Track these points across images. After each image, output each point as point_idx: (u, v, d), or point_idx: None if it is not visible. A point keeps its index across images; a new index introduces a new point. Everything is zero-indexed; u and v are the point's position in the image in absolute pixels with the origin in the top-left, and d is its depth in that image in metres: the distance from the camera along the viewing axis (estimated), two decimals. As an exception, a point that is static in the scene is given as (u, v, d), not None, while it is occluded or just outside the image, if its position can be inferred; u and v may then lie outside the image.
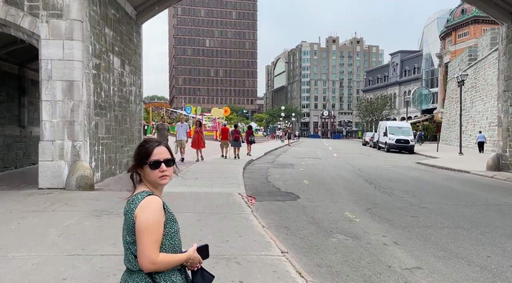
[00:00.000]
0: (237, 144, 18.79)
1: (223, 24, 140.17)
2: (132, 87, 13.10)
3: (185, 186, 9.89)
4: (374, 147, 37.21)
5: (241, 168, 14.49)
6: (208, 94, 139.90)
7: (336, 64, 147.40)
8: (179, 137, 15.24)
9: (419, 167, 18.19)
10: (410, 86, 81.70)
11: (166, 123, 15.97)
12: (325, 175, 14.02)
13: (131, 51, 12.98)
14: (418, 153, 29.12)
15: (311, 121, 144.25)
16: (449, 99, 42.97)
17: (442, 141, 43.98)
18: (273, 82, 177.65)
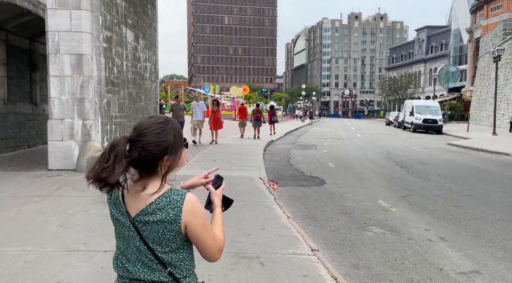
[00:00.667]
0: (258, 123, 18.26)
1: (242, 1, 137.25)
2: (147, 63, 12.41)
3: (201, 168, 9.26)
4: (399, 126, 35.82)
5: (261, 149, 13.78)
6: (227, 73, 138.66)
7: (358, 42, 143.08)
8: (195, 117, 14.04)
9: (452, 148, 17.06)
10: (436, 64, 78.39)
11: (181, 103, 14.71)
12: (351, 157, 13.17)
13: (146, 25, 12.22)
14: (447, 133, 27.73)
15: (332, 100, 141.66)
16: (480, 77, 40.75)
17: (472, 121, 42.00)
18: (292, 61, 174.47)
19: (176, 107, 13.75)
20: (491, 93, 35.35)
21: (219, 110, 15.04)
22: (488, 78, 37.16)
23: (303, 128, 32.05)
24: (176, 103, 14.15)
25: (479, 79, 41.36)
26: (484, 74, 39.02)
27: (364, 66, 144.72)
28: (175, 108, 13.73)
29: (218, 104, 15.36)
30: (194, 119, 14.13)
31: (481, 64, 41.02)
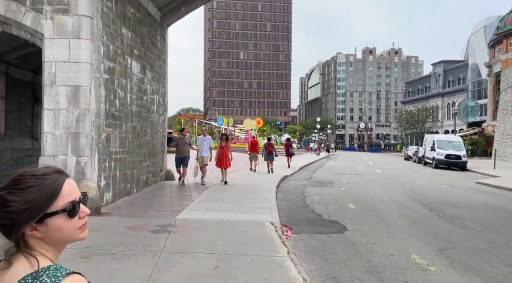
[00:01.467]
0: (270, 157, 17.92)
1: (258, 37, 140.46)
2: (154, 95, 11.84)
3: (206, 210, 8.33)
4: (419, 162, 34.36)
5: (274, 186, 12.81)
6: (242, 106, 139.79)
7: (373, 76, 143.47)
8: (200, 153, 12.49)
9: (482, 188, 15.73)
10: (454, 98, 77.14)
11: (187, 137, 13.03)
12: (372, 196, 12.06)
13: (154, 56, 11.75)
14: (471, 169, 26.24)
15: (347, 133, 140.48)
16: (503, 111, 39.36)
17: (496, 157, 40.26)
18: (307, 94, 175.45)
19: (180, 142, 12.45)
20: (516, 127, 33.88)
21: (228, 147, 13.34)
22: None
23: (319, 162, 30.98)
24: (181, 137, 12.75)
25: (501, 114, 39.96)
26: (507, 109, 37.68)
27: (380, 99, 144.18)
28: (179, 142, 12.44)
29: (227, 139, 13.59)
30: (199, 156, 12.62)
31: (503, 99, 39.75)
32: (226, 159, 12.83)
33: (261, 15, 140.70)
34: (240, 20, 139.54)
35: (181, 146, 12.33)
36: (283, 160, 29.04)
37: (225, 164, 12.82)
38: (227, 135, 14.16)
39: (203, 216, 7.74)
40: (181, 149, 12.26)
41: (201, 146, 12.68)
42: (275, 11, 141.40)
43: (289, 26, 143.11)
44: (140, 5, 10.38)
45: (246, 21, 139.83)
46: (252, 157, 18.24)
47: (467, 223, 8.33)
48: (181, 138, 12.66)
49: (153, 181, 11.97)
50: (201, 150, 12.60)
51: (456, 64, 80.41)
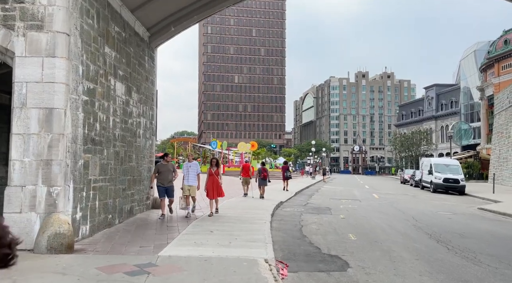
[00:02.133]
0: (263, 183, 17.33)
1: (252, 61, 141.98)
2: (141, 118, 11.18)
3: (193, 245, 7.53)
4: (416, 186, 33.73)
5: (269, 215, 12.02)
6: (236, 129, 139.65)
7: (366, 99, 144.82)
8: (186, 181, 10.89)
9: (486, 214, 15.04)
10: (447, 121, 77.48)
11: (170, 163, 11.27)
12: (373, 225, 11.30)
13: (141, 77, 11.17)
14: (470, 194, 25.62)
15: (341, 156, 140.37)
16: (498, 135, 39.18)
17: (492, 179, 39.77)
18: (301, 117, 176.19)
19: (163, 169, 10.71)
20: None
21: (219, 173, 11.51)
22: (507, 136, 35.57)
23: (315, 186, 30.22)
24: (164, 164, 10.91)
25: (496, 137, 39.76)
26: (502, 132, 37.49)
27: (373, 122, 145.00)
28: (162, 169, 10.68)
29: (217, 164, 11.55)
30: (184, 184, 10.92)
31: (498, 122, 39.65)
32: (217, 188, 11.21)
33: (255, 40, 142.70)
34: (234, 45, 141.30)
35: (165, 173, 10.68)
36: (279, 184, 28.36)
37: (217, 193, 11.24)
38: (217, 160, 11.82)
39: (189, 252, 6.93)
40: (165, 177, 10.64)
41: (186, 173, 10.99)
42: (269, 36, 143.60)
43: (283, 51, 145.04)
44: (126, 24, 9.86)
45: (241, 46, 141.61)
46: (245, 181, 17.93)
47: (479, 257, 7.59)
48: (164, 165, 10.87)
49: (139, 210, 11.15)
50: (187, 178, 10.93)
51: (448, 87, 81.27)
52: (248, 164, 20.35)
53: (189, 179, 10.96)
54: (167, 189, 10.73)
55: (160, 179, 10.70)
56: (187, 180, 10.96)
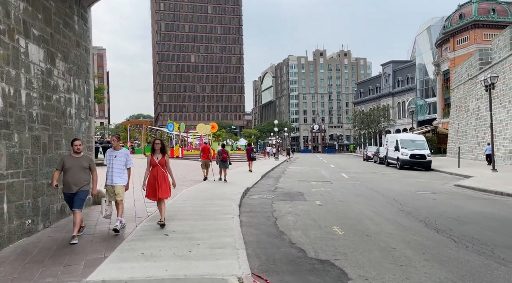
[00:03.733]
0: (224, 165, 16.72)
1: (208, 39, 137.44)
2: (71, 94, 8.86)
3: (140, 259, 5.59)
4: (380, 163, 33.32)
5: (236, 206, 10.26)
6: (195, 111, 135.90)
7: (324, 77, 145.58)
8: (110, 179, 7.37)
9: (466, 192, 14.17)
10: (404, 97, 79.00)
11: (85, 156, 7.05)
12: (356, 212, 9.86)
13: (69, 42, 8.79)
14: (436, 169, 25.28)
15: (301, 135, 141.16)
16: (456, 108, 39.61)
17: (451, 153, 40.47)
18: (260, 98, 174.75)
19: (70, 164, 6.68)
20: (472, 125, 33.90)
21: (166, 163, 7.66)
22: (466, 110, 35.90)
23: (280, 168, 28.83)
24: (73, 156, 6.80)
25: (455, 110, 40.23)
26: (461, 106, 37.86)
27: (331, 101, 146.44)
28: (68, 165, 6.66)
29: (163, 150, 7.74)
30: (107, 184, 7.39)
31: (456, 96, 40.04)
32: (162, 184, 7.52)
33: (211, 17, 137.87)
34: (189, 23, 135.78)
35: (72, 172, 6.63)
36: (242, 166, 26.72)
37: (161, 192, 7.52)
38: (163, 144, 7.83)
39: (132, 272, 5.02)
40: (72, 178, 6.61)
41: (109, 166, 7.41)
42: (225, 13, 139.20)
43: (240, 29, 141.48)
44: (41, -32, 7.44)
45: (196, 24, 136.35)
46: (204, 164, 17.18)
47: (497, 251, 6.26)
48: (73, 159, 6.72)
49: (74, 208, 8.94)
50: (110, 174, 7.38)
51: (404, 64, 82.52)
52: (208, 145, 19.02)
53: (114, 175, 7.34)
54: (74, 197, 6.66)
55: (65, 180, 6.67)
56: (110, 177, 7.36)
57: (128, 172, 7.65)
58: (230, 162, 17.42)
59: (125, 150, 7.80)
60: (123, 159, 7.53)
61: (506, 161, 26.70)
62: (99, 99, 67.39)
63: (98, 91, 62.61)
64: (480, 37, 47.78)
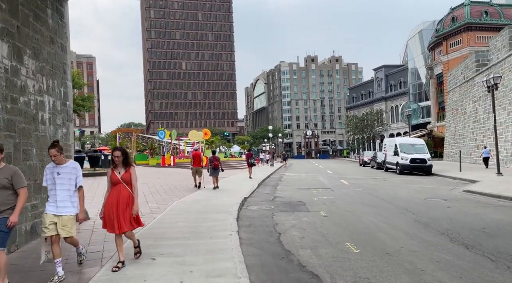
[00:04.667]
0: (216, 172, 16.05)
1: (199, 46, 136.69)
2: (44, 96, 7.79)
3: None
4: (378, 168, 32.47)
5: (233, 219, 9.21)
6: (187, 118, 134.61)
7: (316, 83, 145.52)
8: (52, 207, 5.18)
9: (479, 198, 13.25)
10: (397, 101, 78.71)
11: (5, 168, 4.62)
12: (367, 224, 8.87)
13: (42, 38, 7.74)
14: (437, 173, 24.47)
15: (294, 141, 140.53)
16: (452, 111, 39.04)
17: (448, 157, 39.82)
18: (253, 104, 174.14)
19: None
20: (469, 128, 33.28)
21: (132, 179, 5.53)
22: (463, 113, 35.31)
23: (276, 175, 27.80)
24: None
25: (451, 114, 39.66)
26: (457, 109, 37.29)
27: (324, 106, 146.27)
28: None
29: (127, 161, 5.59)
30: (47, 213, 5.15)
31: (452, 99, 39.51)
32: (125, 211, 5.41)
33: (202, 25, 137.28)
34: (180, 30, 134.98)
35: None
36: (238, 174, 25.70)
37: (122, 223, 5.39)
38: (125, 153, 5.67)
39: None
40: None
41: (51, 187, 5.21)
42: (216, 20, 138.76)
43: (231, 35, 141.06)
44: (4, -51, 6.40)
45: (187, 31, 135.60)
46: (196, 171, 16.70)
47: (548, 272, 5.30)
48: None
49: (49, 227, 7.81)
50: (53, 199, 5.19)
51: (396, 68, 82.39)
52: (199, 152, 18.39)
53: (58, 200, 5.13)
54: None
55: None
56: (53, 203, 5.15)
57: (80, 194, 5.26)
58: (222, 168, 16.90)
59: (73, 162, 5.30)
60: (71, 177, 5.13)
61: (508, 163, 26.01)
62: (89, 107, 65.95)
63: (88, 99, 61.21)
64: (473, 40, 47.55)
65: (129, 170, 5.55)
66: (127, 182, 5.50)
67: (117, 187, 5.47)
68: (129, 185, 5.52)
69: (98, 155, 19.41)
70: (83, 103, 57.47)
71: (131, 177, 5.52)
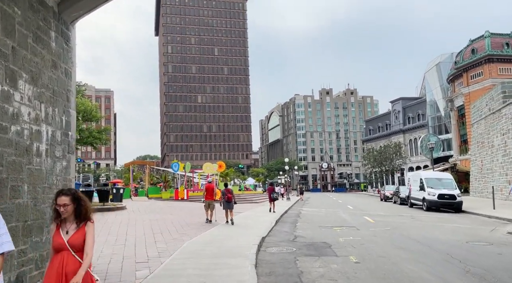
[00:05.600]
0: (229, 206, 15.48)
1: (215, 80, 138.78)
2: (42, 126, 6.96)
3: None
4: (401, 203, 30.71)
5: (251, 265, 8.00)
6: (202, 150, 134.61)
7: (331, 116, 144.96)
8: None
9: (530, 242, 11.70)
10: (415, 134, 77.00)
11: None
12: (412, 276, 7.51)
13: (42, 62, 7.01)
14: (468, 211, 22.71)
15: (309, 174, 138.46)
16: (478, 144, 37.32)
17: (475, 193, 37.72)
18: (267, 136, 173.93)
19: None
20: (498, 162, 31.54)
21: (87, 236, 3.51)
22: (490, 146, 33.62)
23: (293, 210, 26.37)
24: None
25: (476, 147, 37.92)
26: (483, 142, 35.61)
27: (339, 139, 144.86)
28: None
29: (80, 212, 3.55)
30: None
31: (477, 131, 37.89)
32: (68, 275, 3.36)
33: (217, 59, 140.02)
34: (196, 64, 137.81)
35: None
36: (253, 208, 24.47)
37: None
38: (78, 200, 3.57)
39: None
40: None
41: None
42: (232, 54, 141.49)
43: (246, 69, 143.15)
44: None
45: (203, 65, 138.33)
46: (208, 204, 16.03)
47: None
48: None
49: (39, 275, 6.78)
50: None
51: (413, 101, 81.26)
52: (212, 184, 18.10)
53: None
54: None
55: None
56: None
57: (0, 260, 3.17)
58: (235, 201, 16.27)
59: None
60: None
61: (545, 200, 24.05)
62: (105, 140, 66.34)
63: (104, 132, 61.69)
64: (496, 72, 46.39)
65: (83, 228, 3.54)
66: (77, 246, 3.47)
67: (60, 255, 3.45)
68: (80, 252, 3.48)
69: (107, 189, 18.51)
70: (100, 136, 57.82)
71: (85, 240, 3.49)
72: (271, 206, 22.07)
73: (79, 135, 55.13)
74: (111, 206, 18.64)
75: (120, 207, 19.01)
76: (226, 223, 15.23)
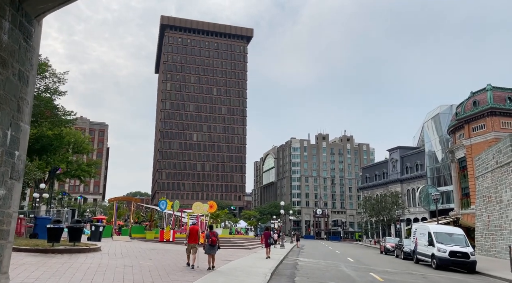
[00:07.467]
0: (213, 250, 14.46)
1: (212, 119, 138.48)
2: (-30, 139, 5.08)
3: None
4: (404, 258, 28.26)
5: None
6: (193, 189, 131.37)
7: (327, 161, 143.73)
8: None
9: None
10: (414, 184, 75.19)
11: None
12: None
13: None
14: (482, 272, 20.45)
15: (303, 220, 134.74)
16: (484, 199, 35.48)
17: (481, 251, 35.31)
18: (261, 178, 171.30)
19: None
20: (508, 219, 29.56)
21: None
22: (498, 201, 31.79)
23: (289, 260, 23.83)
24: None
25: (482, 201, 36.05)
26: (490, 196, 33.82)
27: (334, 185, 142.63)
28: None
29: None
30: None
31: (482, 185, 36.20)
32: None
33: (216, 98, 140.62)
34: (194, 102, 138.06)
35: None
36: (249, 254, 21.95)
37: None
38: None
39: None
40: None
41: None
42: (230, 95, 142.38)
43: (244, 110, 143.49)
44: None
45: (201, 104, 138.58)
46: (191, 248, 14.85)
47: None
48: None
49: None
50: None
51: (411, 150, 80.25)
52: (197, 227, 16.45)
53: None
54: None
55: None
56: None
57: None
58: (219, 246, 14.98)
59: None
60: None
61: None
62: (94, 174, 63.57)
63: (94, 165, 59.18)
64: (498, 125, 45.60)
65: None
66: None
67: None
68: None
69: (80, 226, 16.21)
70: (88, 169, 55.17)
71: None
72: (266, 251, 22.08)
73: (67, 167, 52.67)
74: (83, 246, 16.23)
75: (93, 248, 16.59)
76: (208, 270, 14.27)
